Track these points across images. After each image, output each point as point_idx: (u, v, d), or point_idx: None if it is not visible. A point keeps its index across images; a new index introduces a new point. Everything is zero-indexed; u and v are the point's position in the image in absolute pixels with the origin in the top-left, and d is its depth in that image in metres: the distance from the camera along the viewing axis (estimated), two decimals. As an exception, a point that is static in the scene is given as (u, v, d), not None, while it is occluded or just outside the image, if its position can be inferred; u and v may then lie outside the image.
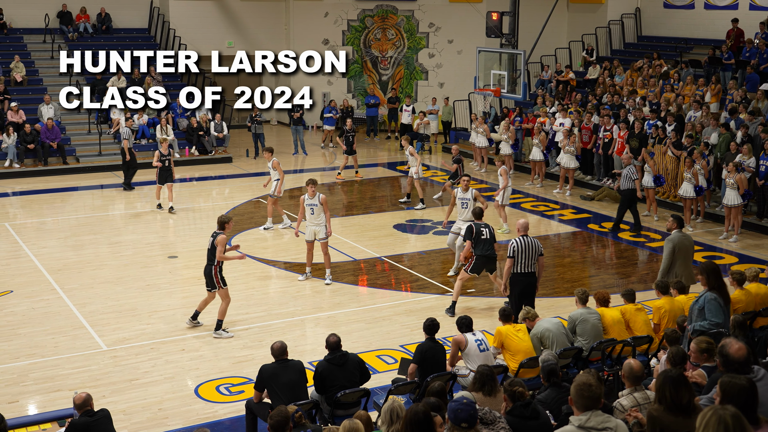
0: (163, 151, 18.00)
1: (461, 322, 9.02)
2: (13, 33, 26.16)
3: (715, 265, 8.15)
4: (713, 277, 8.01)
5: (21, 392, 9.84)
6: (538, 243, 10.87)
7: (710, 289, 7.96)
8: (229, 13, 28.42)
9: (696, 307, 7.95)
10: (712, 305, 7.85)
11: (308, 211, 13.49)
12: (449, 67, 29.13)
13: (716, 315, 7.81)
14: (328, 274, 13.68)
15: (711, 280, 7.99)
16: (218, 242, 11.33)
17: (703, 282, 8.18)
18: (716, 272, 8.02)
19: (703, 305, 7.89)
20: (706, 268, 8.09)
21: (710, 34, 24.68)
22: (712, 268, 8.06)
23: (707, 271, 8.07)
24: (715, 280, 8.00)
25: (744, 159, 16.76)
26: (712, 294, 7.91)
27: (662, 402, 5.22)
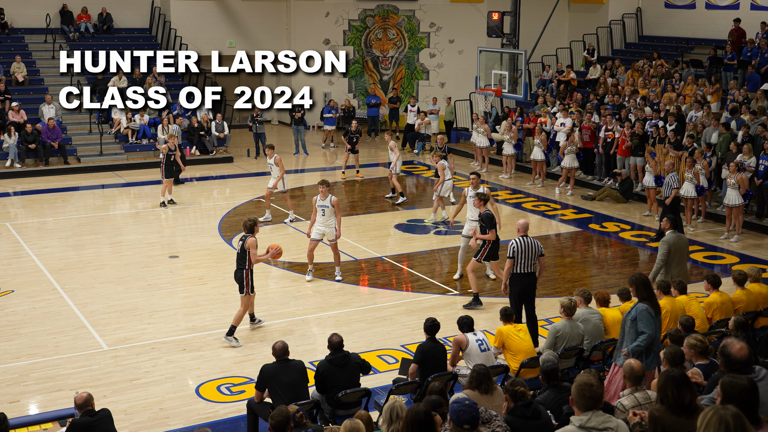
0: (171, 147, 18.43)
1: (462, 322, 9.01)
2: (14, 33, 26.17)
3: (644, 276, 8.28)
4: (642, 288, 8.13)
5: (22, 392, 9.85)
6: (539, 243, 10.86)
7: (641, 300, 8.12)
8: (230, 13, 28.43)
9: (629, 318, 8.08)
10: (643, 316, 7.97)
11: (319, 212, 13.43)
12: (450, 66, 29.13)
13: (647, 326, 7.93)
14: (338, 271, 13.75)
15: (641, 291, 8.13)
16: (249, 245, 11.15)
17: (633, 293, 8.31)
18: (646, 283, 8.17)
19: (635, 316, 8.03)
20: (635, 280, 8.21)
21: (711, 34, 24.68)
22: (642, 280, 8.19)
23: (636, 282, 8.18)
24: (644, 291, 8.13)
25: (744, 159, 16.76)
26: (643, 305, 8.06)
27: (664, 402, 5.21)
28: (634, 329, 7.97)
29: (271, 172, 17.11)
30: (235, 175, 22.05)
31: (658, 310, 8.13)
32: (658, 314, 8.12)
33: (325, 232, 13.46)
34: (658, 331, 8.07)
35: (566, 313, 9.29)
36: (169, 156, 18.31)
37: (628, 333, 8.04)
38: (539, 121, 21.75)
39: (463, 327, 8.98)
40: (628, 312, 8.11)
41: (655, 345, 7.99)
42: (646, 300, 8.07)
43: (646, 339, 7.86)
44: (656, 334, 8.00)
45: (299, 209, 18.60)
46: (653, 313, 8.01)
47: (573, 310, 9.28)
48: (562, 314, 9.34)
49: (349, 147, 21.66)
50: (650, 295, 8.12)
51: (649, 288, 8.14)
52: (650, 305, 8.04)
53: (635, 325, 7.95)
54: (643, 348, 7.86)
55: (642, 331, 7.89)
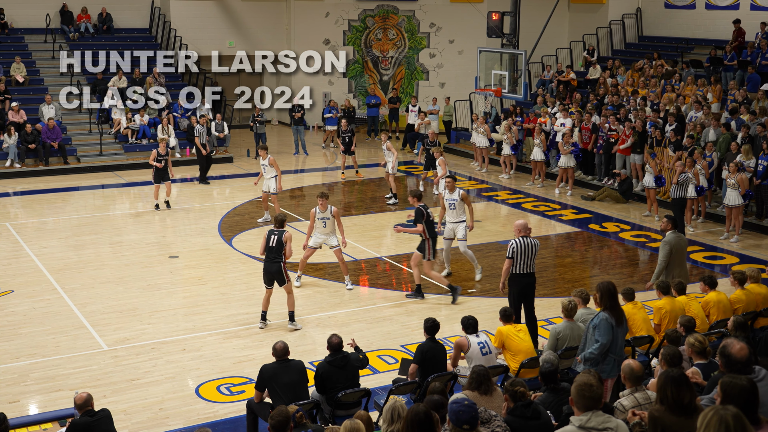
0: (161, 151, 18.06)
1: (467, 323, 8.99)
2: (14, 33, 26.16)
3: (611, 285, 8.23)
4: (607, 296, 8.11)
5: (22, 392, 9.85)
6: (538, 243, 10.87)
7: (604, 309, 8.11)
8: (229, 13, 28.42)
9: (591, 326, 8.09)
10: (603, 325, 7.98)
11: (320, 224, 13.22)
12: (450, 67, 29.13)
13: (604, 335, 7.94)
14: (347, 280, 13.47)
15: (605, 300, 8.11)
16: (287, 238, 11.48)
17: (596, 301, 8.29)
18: (611, 293, 8.14)
19: (596, 324, 8.05)
20: (601, 288, 8.17)
21: (711, 35, 24.68)
22: (608, 289, 8.14)
23: (602, 290, 8.14)
24: (608, 300, 8.11)
25: (744, 159, 16.76)
26: (605, 314, 8.06)
27: (664, 402, 5.21)
28: (593, 337, 8.02)
29: (264, 173, 16.99)
30: (235, 176, 22.04)
31: (620, 320, 8.12)
32: (620, 324, 8.10)
33: (327, 240, 13.35)
34: (619, 340, 8.08)
35: (566, 315, 9.28)
36: (160, 160, 18.00)
37: (588, 341, 8.10)
38: (539, 121, 21.75)
39: (468, 328, 8.95)
40: (591, 321, 8.15)
41: (615, 353, 7.99)
42: (609, 309, 8.08)
43: (599, 348, 7.91)
44: (615, 344, 8.01)
45: (299, 209, 18.63)
46: (614, 323, 8.00)
47: (573, 311, 9.27)
48: (563, 315, 9.33)
49: (343, 149, 21.68)
50: (614, 305, 8.13)
51: (614, 298, 8.14)
52: (612, 315, 8.05)
53: (595, 333, 8.01)
54: (597, 356, 7.89)
55: (597, 340, 7.92)
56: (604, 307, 8.10)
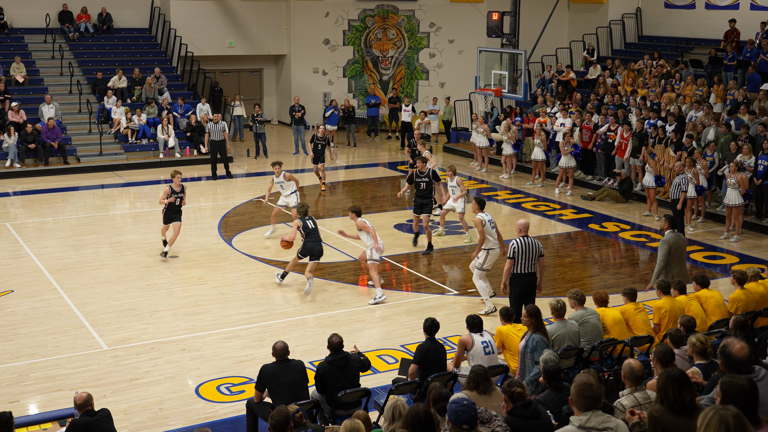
0: (175, 188, 14.56)
1: (472, 322, 8.98)
2: (14, 33, 26.16)
3: (537, 308, 8.51)
4: (537, 318, 8.43)
5: (22, 392, 9.85)
6: (539, 243, 10.86)
7: (535, 332, 8.36)
8: (229, 13, 28.42)
9: (528, 351, 8.29)
10: (540, 346, 8.25)
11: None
12: (450, 66, 29.13)
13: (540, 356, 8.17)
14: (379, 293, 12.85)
15: (537, 322, 8.42)
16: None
17: (528, 324, 8.45)
18: (539, 314, 8.45)
19: (534, 347, 8.26)
20: (531, 312, 8.41)
21: (711, 34, 24.68)
22: (537, 311, 8.42)
23: (531, 314, 8.40)
24: (538, 321, 8.44)
25: (744, 159, 16.77)
26: (538, 335, 8.34)
27: (664, 402, 5.19)
28: (532, 360, 8.24)
29: (282, 190, 16.09)
30: (235, 175, 22.03)
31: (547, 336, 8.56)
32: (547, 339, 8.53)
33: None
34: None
35: (557, 315, 9.25)
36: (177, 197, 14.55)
37: (527, 365, 8.29)
38: (538, 121, 21.74)
39: (473, 327, 8.94)
40: (525, 345, 8.35)
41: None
42: (540, 330, 8.42)
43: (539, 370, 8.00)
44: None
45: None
46: (547, 343, 8.40)
47: (562, 311, 9.26)
48: (553, 316, 9.31)
49: (312, 155, 20.40)
50: (542, 325, 8.50)
51: (541, 318, 8.48)
52: (543, 335, 8.43)
53: (534, 356, 8.20)
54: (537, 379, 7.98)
55: (537, 362, 8.04)
56: (535, 329, 8.39)
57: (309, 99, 28.26)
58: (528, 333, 8.50)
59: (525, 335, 8.57)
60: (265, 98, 30.72)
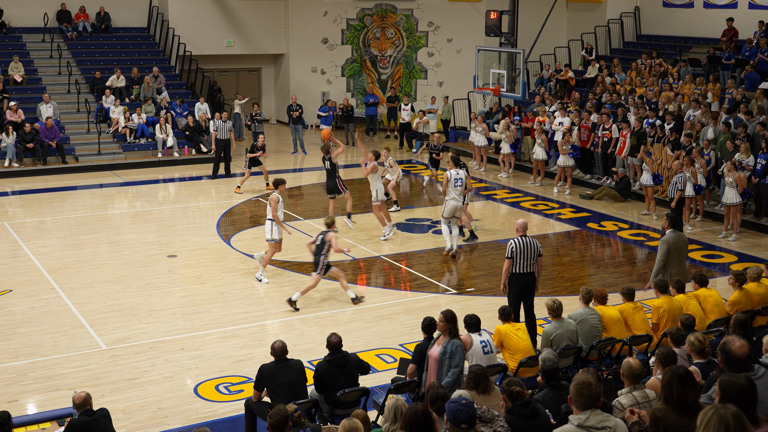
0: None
1: (470, 322, 8.98)
2: (12, 32, 26.13)
3: (453, 313, 8.35)
4: (453, 324, 8.30)
5: (20, 391, 9.84)
6: (537, 243, 10.87)
7: (454, 337, 8.28)
8: (228, 13, 28.40)
9: (446, 357, 8.18)
10: (458, 352, 8.20)
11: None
12: (448, 65, 29.12)
13: (460, 362, 8.16)
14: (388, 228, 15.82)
15: (453, 328, 8.30)
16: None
17: (443, 329, 8.31)
18: (455, 319, 8.34)
19: (452, 352, 8.18)
20: (447, 317, 8.28)
21: (709, 33, 24.68)
22: (453, 317, 8.31)
23: (449, 319, 8.28)
24: (454, 327, 8.33)
25: (742, 158, 16.77)
26: (457, 341, 8.27)
27: (668, 400, 5.17)
28: (449, 366, 8.15)
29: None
30: (234, 174, 22.01)
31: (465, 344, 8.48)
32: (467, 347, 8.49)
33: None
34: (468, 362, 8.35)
35: (554, 315, 9.27)
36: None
37: (446, 369, 8.17)
38: (537, 120, 21.74)
39: (471, 327, 8.95)
40: (443, 351, 8.20)
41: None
42: (458, 336, 8.33)
43: (457, 373, 8.08)
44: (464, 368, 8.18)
45: (297, 208, 18.61)
46: (465, 349, 8.34)
47: (559, 310, 9.27)
48: (550, 317, 9.33)
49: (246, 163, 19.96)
50: (457, 330, 8.37)
51: (456, 324, 8.34)
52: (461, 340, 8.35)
53: (451, 361, 8.14)
54: (453, 382, 8.01)
55: (457, 365, 8.11)
56: (453, 335, 8.27)
57: (307, 98, 28.25)
58: (445, 338, 8.26)
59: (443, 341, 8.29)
60: (264, 97, 30.71)
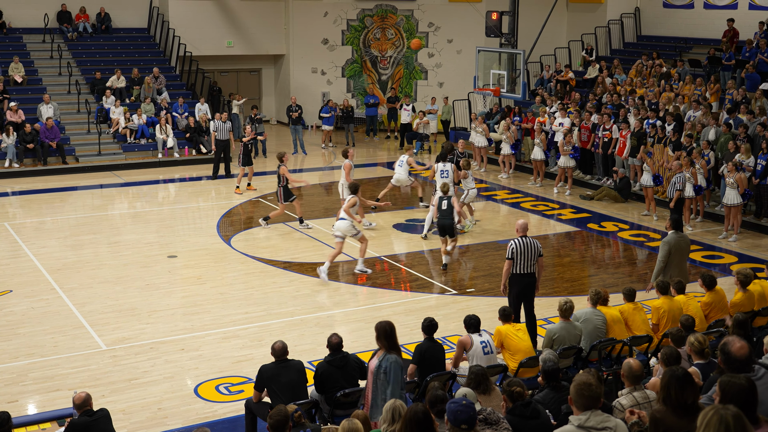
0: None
1: (469, 323, 8.99)
2: (12, 33, 26.13)
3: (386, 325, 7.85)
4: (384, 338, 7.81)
5: (20, 392, 9.84)
6: (538, 244, 10.86)
7: (388, 351, 7.78)
8: (228, 13, 28.40)
9: (380, 371, 7.71)
10: (393, 368, 7.70)
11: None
12: (449, 66, 29.12)
13: (396, 379, 7.67)
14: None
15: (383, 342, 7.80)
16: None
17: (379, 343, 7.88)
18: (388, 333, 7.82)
19: (387, 368, 7.71)
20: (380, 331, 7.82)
21: (710, 34, 24.68)
22: (385, 330, 7.81)
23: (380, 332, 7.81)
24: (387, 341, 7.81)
25: (743, 158, 16.77)
26: (393, 356, 7.76)
27: (667, 401, 5.17)
28: (385, 382, 7.72)
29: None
30: (234, 175, 21.99)
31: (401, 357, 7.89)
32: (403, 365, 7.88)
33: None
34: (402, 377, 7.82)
35: (562, 315, 9.27)
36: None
37: (381, 385, 7.72)
38: (538, 120, 21.74)
39: (470, 327, 8.96)
40: (378, 366, 7.72)
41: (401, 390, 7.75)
42: (394, 350, 7.81)
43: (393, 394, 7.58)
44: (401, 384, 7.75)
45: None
46: (401, 362, 7.80)
47: (569, 311, 9.26)
48: (559, 316, 9.33)
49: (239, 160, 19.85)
50: (395, 344, 7.85)
51: (391, 338, 7.83)
52: (398, 355, 7.80)
53: (386, 377, 7.71)
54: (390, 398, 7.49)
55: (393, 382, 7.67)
56: (387, 349, 7.76)
57: (308, 99, 28.24)
58: (381, 352, 7.84)
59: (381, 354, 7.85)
60: (264, 98, 30.71)
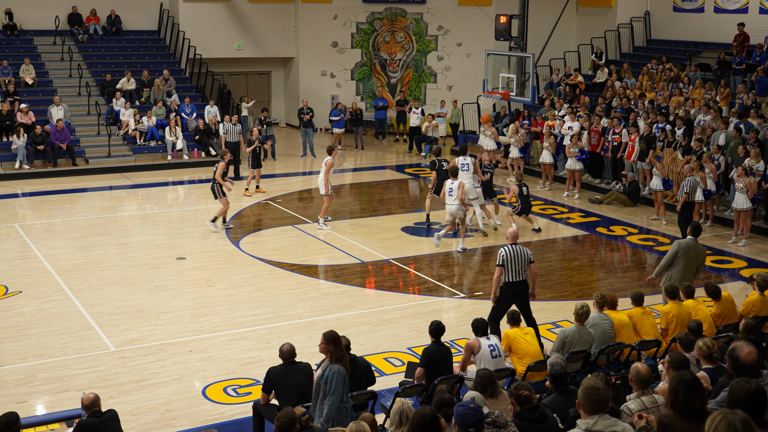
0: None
1: (477, 326, 8.98)
2: (23, 35, 26.27)
3: (336, 333, 7.64)
4: (332, 345, 7.61)
5: (29, 392, 9.88)
6: (528, 251, 10.84)
7: (335, 361, 7.58)
8: (238, 16, 28.48)
9: (322, 381, 7.53)
10: (335, 378, 7.49)
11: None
12: (458, 69, 29.13)
13: (334, 391, 7.46)
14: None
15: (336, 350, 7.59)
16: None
17: (324, 351, 7.65)
18: (336, 341, 7.62)
19: (328, 377, 7.51)
20: (328, 338, 7.62)
21: (720, 38, 24.61)
22: (334, 337, 7.63)
23: (330, 340, 7.60)
24: (337, 351, 7.61)
25: (753, 163, 16.71)
26: (336, 366, 7.56)
27: (674, 406, 5.15)
28: (326, 393, 7.53)
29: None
30: (243, 177, 22.04)
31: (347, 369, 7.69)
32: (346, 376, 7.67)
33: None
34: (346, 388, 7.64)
35: (577, 319, 9.24)
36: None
37: (321, 395, 7.54)
38: (547, 124, 21.71)
39: (478, 331, 8.95)
40: (320, 375, 7.57)
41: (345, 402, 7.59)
42: (341, 360, 7.63)
43: (332, 405, 7.43)
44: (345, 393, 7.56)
45: (307, 211, 18.63)
46: (344, 373, 7.59)
47: (585, 316, 9.22)
48: (573, 319, 9.30)
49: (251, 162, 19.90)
50: (343, 355, 7.68)
51: (340, 347, 7.66)
52: (342, 365, 7.62)
53: (327, 387, 7.52)
54: (331, 412, 7.40)
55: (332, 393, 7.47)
56: (334, 359, 7.62)
57: (317, 101, 28.28)
58: (325, 361, 7.71)
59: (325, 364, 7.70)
60: (274, 100, 30.76)
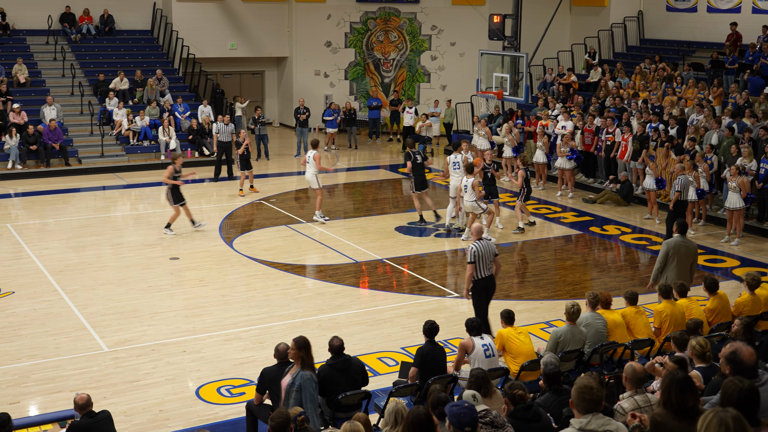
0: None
1: (471, 325, 8.99)
2: (16, 34, 26.19)
3: (305, 339, 7.68)
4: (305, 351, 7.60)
5: (22, 393, 9.85)
6: (493, 245, 11.01)
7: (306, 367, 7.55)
8: (231, 15, 28.44)
9: (293, 389, 7.49)
10: (308, 385, 7.49)
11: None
12: (451, 69, 29.14)
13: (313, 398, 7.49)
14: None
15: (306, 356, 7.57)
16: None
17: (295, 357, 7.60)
18: (309, 347, 7.61)
19: (300, 385, 7.50)
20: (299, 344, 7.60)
21: (713, 38, 24.68)
22: (305, 343, 7.63)
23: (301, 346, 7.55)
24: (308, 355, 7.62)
25: (745, 162, 16.76)
26: (308, 373, 7.55)
27: (667, 405, 5.16)
28: (298, 399, 7.52)
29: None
30: (237, 177, 22.01)
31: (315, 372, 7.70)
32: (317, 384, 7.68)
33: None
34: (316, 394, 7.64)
35: (568, 318, 9.25)
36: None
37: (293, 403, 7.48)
38: (540, 123, 21.73)
39: (472, 330, 8.96)
40: (291, 383, 7.55)
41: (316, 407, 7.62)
42: (308, 367, 7.64)
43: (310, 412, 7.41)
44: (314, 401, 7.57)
45: (302, 210, 18.62)
46: (316, 380, 7.62)
47: (576, 315, 9.24)
48: (565, 319, 9.32)
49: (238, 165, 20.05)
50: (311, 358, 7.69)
51: (311, 354, 7.69)
52: (312, 371, 7.63)
53: (299, 396, 7.51)
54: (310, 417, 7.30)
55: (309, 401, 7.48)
56: (306, 365, 7.59)
57: (310, 101, 28.23)
58: (295, 368, 7.69)
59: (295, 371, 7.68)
60: (267, 100, 30.73)
